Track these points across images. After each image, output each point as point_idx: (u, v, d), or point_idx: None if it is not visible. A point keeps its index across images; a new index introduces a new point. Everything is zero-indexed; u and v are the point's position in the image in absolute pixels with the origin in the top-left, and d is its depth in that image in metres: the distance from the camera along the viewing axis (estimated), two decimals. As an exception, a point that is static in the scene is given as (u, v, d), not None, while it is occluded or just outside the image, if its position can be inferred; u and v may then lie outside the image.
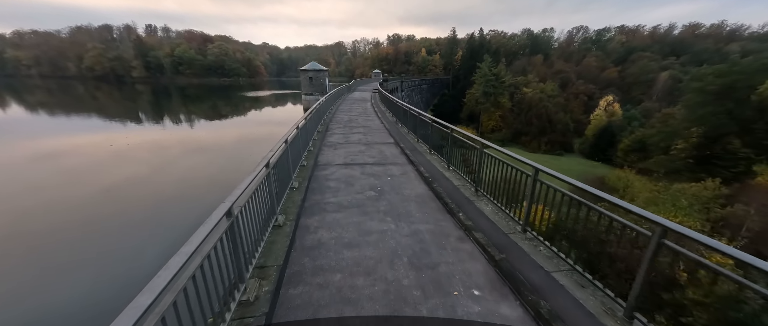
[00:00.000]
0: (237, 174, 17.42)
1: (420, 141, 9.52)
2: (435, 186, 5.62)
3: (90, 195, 16.40)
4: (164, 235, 12.51)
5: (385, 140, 10.12)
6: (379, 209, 4.82)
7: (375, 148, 8.91)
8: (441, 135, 7.34)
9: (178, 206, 15.80)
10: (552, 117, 55.04)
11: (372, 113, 16.58)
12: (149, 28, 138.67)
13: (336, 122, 13.40)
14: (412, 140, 10.00)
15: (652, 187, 18.61)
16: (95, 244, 12.19)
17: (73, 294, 9.43)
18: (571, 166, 44.66)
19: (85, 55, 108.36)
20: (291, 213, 4.45)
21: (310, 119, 8.18)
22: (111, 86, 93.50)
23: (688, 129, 24.51)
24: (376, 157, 7.90)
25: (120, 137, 30.04)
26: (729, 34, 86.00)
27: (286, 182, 5.08)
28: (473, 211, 4.70)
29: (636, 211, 2.46)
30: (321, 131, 11.24)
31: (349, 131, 11.61)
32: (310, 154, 7.89)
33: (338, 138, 10.22)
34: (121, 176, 19.23)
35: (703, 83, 23.72)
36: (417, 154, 8.09)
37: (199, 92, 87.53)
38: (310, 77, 34.64)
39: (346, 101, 23.17)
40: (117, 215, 14.54)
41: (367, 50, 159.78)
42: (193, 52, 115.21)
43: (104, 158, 23.04)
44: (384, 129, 12.03)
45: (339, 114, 16.06)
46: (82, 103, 60.19)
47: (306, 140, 7.76)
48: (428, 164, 7.15)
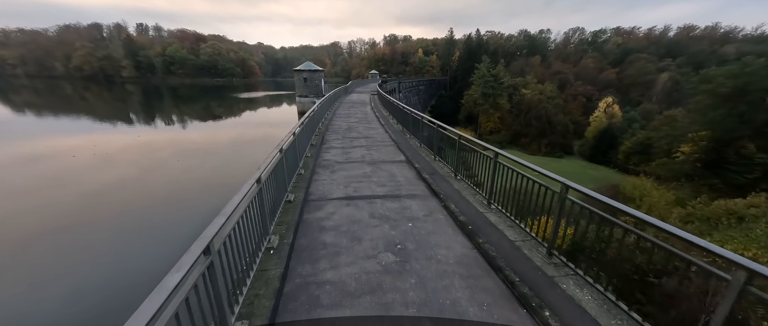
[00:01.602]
0: (227, 180, 17.07)
1: (438, 159, 7.90)
2: (480, 241, 3.92)
3: (69, 202, 15.21)
4: (145, 246, 11.64)
5: (393, 156, 8.51)
6: (407, 297, 2.98)
7: (383, 169, 7.29)
8: (469, 154, 5.83)
9: (164, 214, 14.64)
10: (552, 119, 54.42)
11: (373, 119, 15.04)
12: (140, 27, 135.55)
13: (333, 132, 11.84)
14: (427, 156, 8.45)
15: (668, 195, 17.42)
16: (71, 254, 11.30)
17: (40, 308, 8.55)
18: (573, 169, 43.99)
19: (73, 54, 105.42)
20: (260, 312, 2.71)
21: (301, 132, 6.71)
22: (100, 86, 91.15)
23: (697, 132, 23.74)
24: (386, 184, 6.24)
25: (106, 139, 28.53)
26: (723, 36, 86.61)
27: (259, 242, 3.45)
28: (560, 299, 2.93)
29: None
30: (315, 144, 9.68)
31: (349, 143, 10.07)
32: (300, 180, 6.36)
33: (336, 154, 8.62)
34: (103, 181, 17.97)
35: (714, 84, 22.96)
36: (438, 179, 6.48)
37: (191, 92, 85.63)
38: (304, 78, 33.03)
39: (343, 105, 21.63)
40: (95, 223, 13.47)
41: (364, 51, 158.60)
42: (185, 52, 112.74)
43: (89, 162, 21.66)
44: (390, 141, 10.47)
45: (336, 120, 14.52)
46: (70, 103, 58.18)
47: (295, 160, 6.31)
48: (457, 196, 5.54)
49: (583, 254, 3.65)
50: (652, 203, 16.60)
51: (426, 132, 9.04)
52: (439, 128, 7.66)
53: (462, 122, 63.11)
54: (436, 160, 7.98)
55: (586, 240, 3.38)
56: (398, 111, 13.05)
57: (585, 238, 3.38)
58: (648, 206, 16.39)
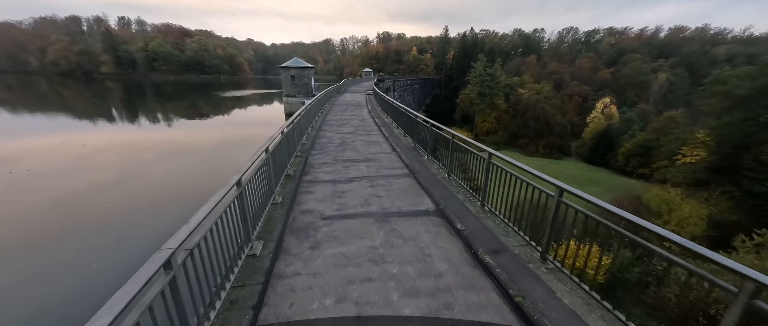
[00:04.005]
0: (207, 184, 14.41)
1: (512, 226, 4.39)
2: None
3: (35, 210, 13.48)
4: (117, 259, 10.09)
5: (415, 200, 5.44)
6: None
7: (404, 236, 4.27)
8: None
9: (139, 223, 12.94)
10: (549, 119, 53.34)
11: (373, 128, 12.21)
12: (122, 20, 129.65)
13: (321, 149, 8.82)
14: (470, 201, 5.34)
15: (700, 209, 15.66)
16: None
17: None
18: (572, 171, 42.90)
19: (48, 48, 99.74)
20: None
21: (263, 164, 4.32)
22: (78, 82, 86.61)
23: (710, 136, 22.55)
24: (418, 284, 3.31)
25: (80, 138, 26.14)
26: (713, 38, 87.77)
27: None
28: None
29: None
30: (293, 174, 6.57)
31: (345, 170, 6.98)
32: (251, 274, 3.35)
33: (323, 196, 5.56)
34: (76, 186, 16.06)
35: (729, 86, 21.75)
36: (520, 269, 3.52)
37: (175, 89, 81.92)
38: (292, 76, 30.24)
39: (335, 107, 19.09)
40: (62, 234, 11.98)
41: (357, 48, 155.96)
42: (169, 47, 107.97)
43: (62, 163, 19.56)
44: (400, 166, 7.39)
45: (327, 130, 11.59)
46: (45, 100, 54.43)
47: (246, 229, 3.57)
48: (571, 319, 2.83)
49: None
50: (681, 218, 14.97)
51: (453, 157, 6.23)
52: (516, 174, 4.19)
53: (458, 122, 61.70)
54: (509, 225, 4.45)
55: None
56: (403, 118, 10.32)
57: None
58: (678, 221, 14.77)
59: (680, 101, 58.55)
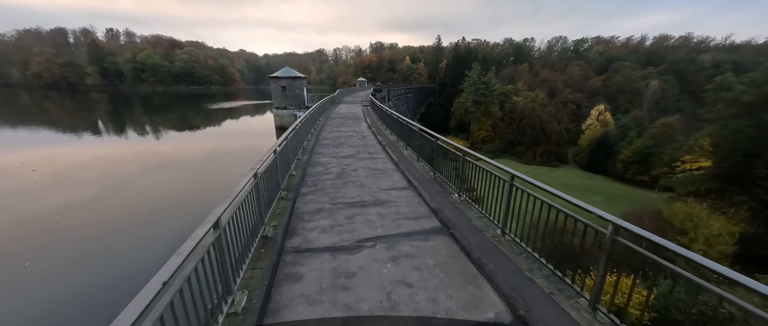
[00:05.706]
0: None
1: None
2: None
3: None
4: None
5: (471, 295, 3.19)
6: None
7: None
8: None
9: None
10: (546, 127, 52.99)
11: (377, 149, 10.25)
12: (110, 32, 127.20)
13: (314, 185, 6.61)
14: (554, 286, 3.34)
15: (730, 226, 14.54)
16: None
17: None
18: (571, 180, 42.18)
19: (31, 60, 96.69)
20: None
21: (217, 244, 2.49)
22: (62, 94, 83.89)
23: (717, 144, 21.96)
24: None
25: (62, 153, 24.86)
26: (696, 46, 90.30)
27: None
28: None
29: None
30: (272, 236, 4.38)
31: (349, 224, 4.78)
32: None
33: (320, 285, 3.31)
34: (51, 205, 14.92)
35: (736, 92, 21.29)
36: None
37: (164, 100, 79.77)
38: (282, 86, 28.56)
39: (331, 121, 17.24)
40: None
41: (350, 58, 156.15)
42: (158, 58, 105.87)
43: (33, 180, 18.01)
44: (426, 211, 5.35)
45: (321, 153, 9.52)
46: (26, 113, 51.91)
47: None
48: None
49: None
50: (710, 236, 13.90)
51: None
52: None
53: (453, 130, 61.06)
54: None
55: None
56: (420, 142, 8.16)
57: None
58: (705, 238, 13.70)
59: (672, 107, 59.26)
